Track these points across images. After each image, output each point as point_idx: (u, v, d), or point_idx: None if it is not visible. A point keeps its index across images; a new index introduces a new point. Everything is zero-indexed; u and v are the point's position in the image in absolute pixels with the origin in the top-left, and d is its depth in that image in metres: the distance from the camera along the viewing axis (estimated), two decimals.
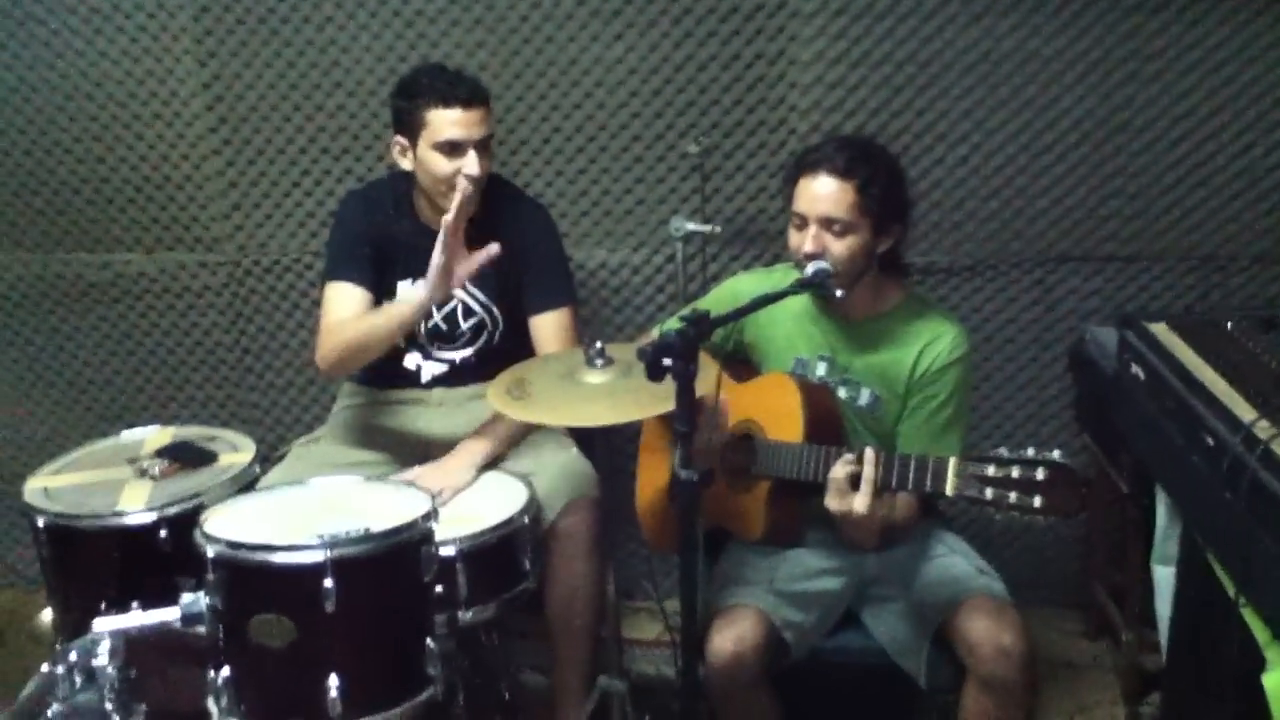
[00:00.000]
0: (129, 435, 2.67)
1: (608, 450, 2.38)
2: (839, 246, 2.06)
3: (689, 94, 2.78)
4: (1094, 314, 2.79)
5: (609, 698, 2.29)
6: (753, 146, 2.80)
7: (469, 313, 2.49)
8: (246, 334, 3.15)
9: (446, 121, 2.29)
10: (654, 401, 1.85)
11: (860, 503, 1.91)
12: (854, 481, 1.92)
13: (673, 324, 1.74)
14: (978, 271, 2.82)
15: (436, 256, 2.19)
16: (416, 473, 2.30)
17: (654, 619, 2.97)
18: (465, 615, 2.09)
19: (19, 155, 3.05)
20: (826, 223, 2.05)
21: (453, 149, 2.30)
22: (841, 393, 2.21)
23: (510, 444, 2.43)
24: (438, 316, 2.48)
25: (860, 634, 2.17)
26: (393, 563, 1.88)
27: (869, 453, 1.92)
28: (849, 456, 1.95)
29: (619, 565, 2.42)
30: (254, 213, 3.03)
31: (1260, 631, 1.65)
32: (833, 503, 1.95)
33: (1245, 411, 1.73)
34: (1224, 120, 2.63)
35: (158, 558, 2.22)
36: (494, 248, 2.26)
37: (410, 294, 2.36)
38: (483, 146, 2.33)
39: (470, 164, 2.30)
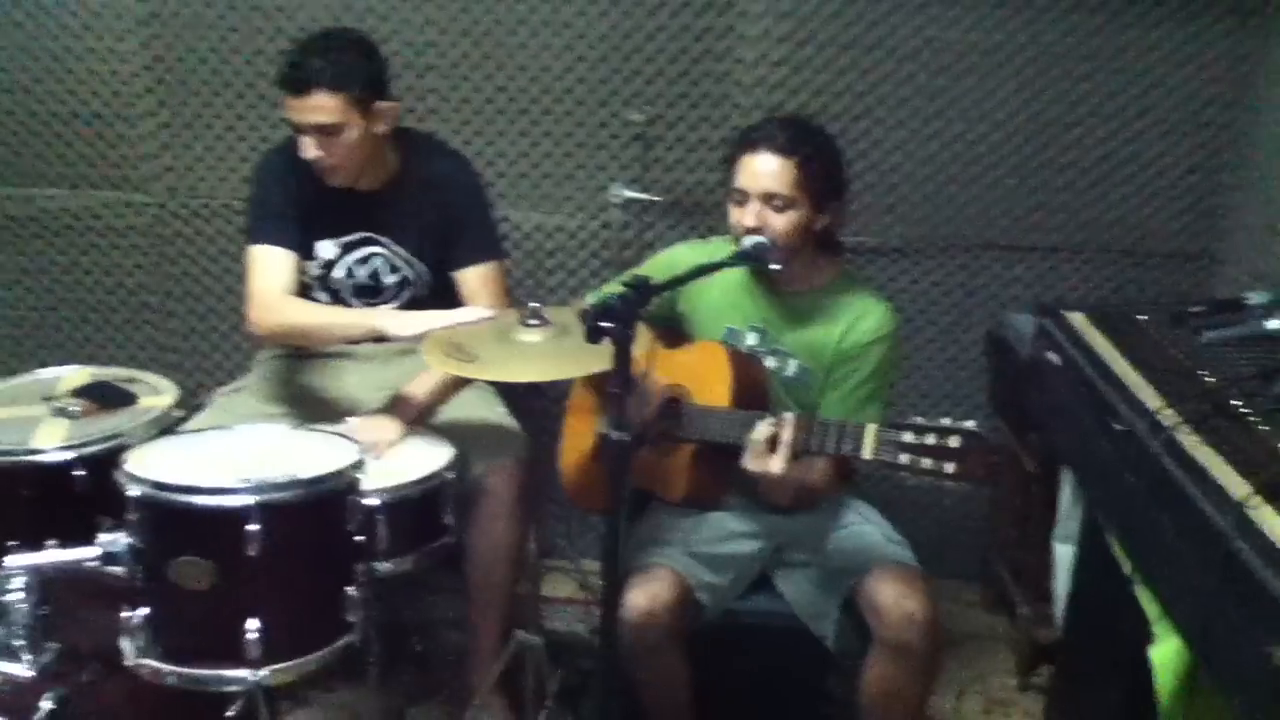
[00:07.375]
0: (45, 373, 2.61)
1: (534, 411, 2.40)
2: (780, 221, 2.10)
3: (634, 63, 2.79)
4: (1013, 300, 2.88)
5: (524, 653, 2.32)
6: (695, 119, 2.83)
7: (393, 268, 2.46)
8: (170, 277, 3.10)
9: (286, 102, 2.25)
10: (592, 360, 1.86)
11: (776, 464, 1.97)
12: (772, 444, 1.98)
13: (613, 289, 1.76)
14: (904, 253, 2.89)
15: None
16: (351, 424, 2.28)
17: (568, 577, 3.01)
18: (384, 566, 2.09)
19: None
20: (768, 198, 2.09)
21: (296, 129, 2.26)
22: (770, 363, 2.25)
23: (441, 399, 2.42)
24: (362, 273, 2.45)
25: (772, 597, 2.21)
26: (318, 510, 1.89)
27: (788, 416, 1.98)
28: (770, 419, 2.00)
29: (536, 524, 2.45)
30: (184, 154, 2.98)
31: (1151, 608, 1.73)
32: (751, 463, 2.01)
33: (1152, 400, 1.81)
34: (1149, 121, 2.74)
35: (73, 497, 2.18)
36: None
37: (372, 315, 2.34)
38: (326, 131, 2.24)
39: (305, 147, 2.25)
